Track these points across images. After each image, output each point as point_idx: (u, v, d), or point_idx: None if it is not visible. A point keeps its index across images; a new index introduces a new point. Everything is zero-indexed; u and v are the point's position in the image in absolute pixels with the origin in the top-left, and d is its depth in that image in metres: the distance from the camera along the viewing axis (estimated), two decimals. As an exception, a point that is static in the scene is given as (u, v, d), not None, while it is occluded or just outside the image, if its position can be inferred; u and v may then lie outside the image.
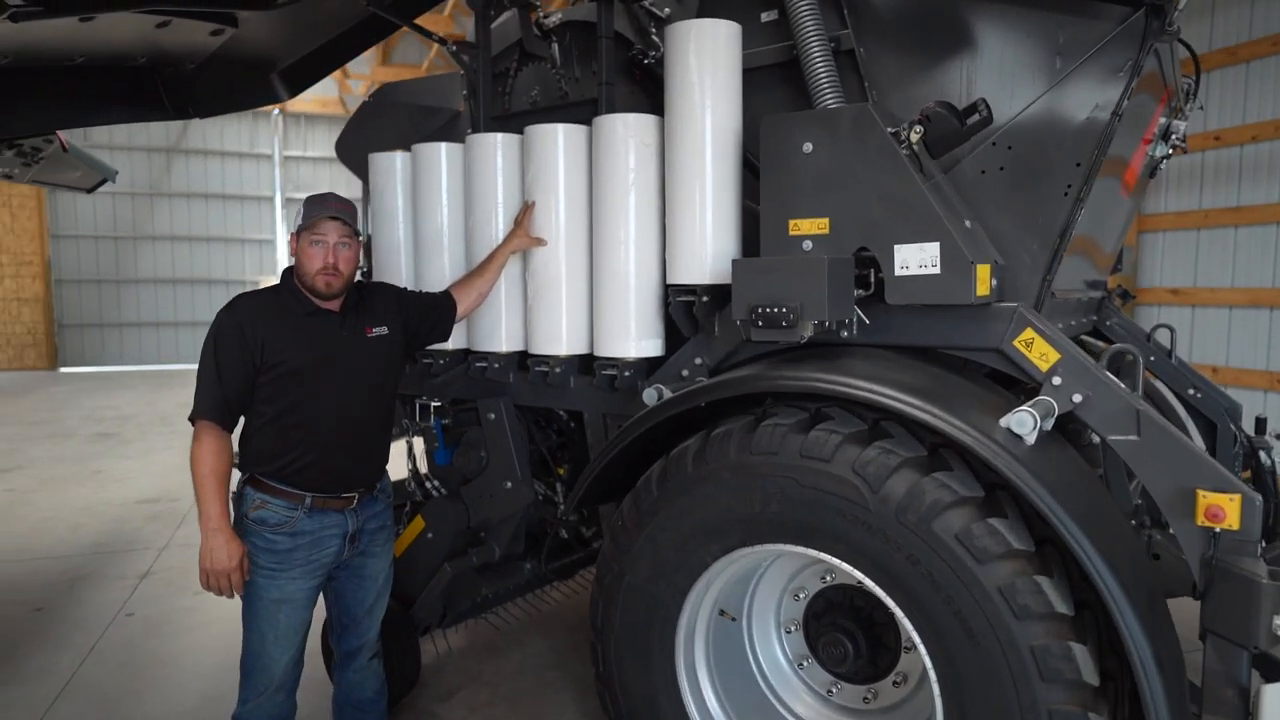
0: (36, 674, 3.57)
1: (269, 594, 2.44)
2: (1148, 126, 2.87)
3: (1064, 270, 2.72)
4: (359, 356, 2.54)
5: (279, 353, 2.41)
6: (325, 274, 2.44)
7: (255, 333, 2.39)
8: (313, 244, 2.44)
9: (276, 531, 2.43)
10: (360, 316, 2.58)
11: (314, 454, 2.44)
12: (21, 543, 5.51)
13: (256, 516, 2.44)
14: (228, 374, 2.37)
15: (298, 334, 2.45)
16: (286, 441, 2.43)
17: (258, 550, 2.43)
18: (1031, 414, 1.90)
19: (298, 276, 2.50)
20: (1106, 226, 3.01)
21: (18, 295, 16.67)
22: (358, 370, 2.53)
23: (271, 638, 2.46)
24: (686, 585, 2.31)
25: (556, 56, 3.23)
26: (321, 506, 2.47)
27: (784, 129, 2.34)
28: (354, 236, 2.52)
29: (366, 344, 2.56)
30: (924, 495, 1.89)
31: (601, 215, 2.79)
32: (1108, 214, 2.91)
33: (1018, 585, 1.79)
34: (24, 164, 4.60)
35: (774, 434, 2.11)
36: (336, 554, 2.54)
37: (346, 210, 2.50)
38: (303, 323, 2.47)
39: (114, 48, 2.87)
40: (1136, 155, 2.91)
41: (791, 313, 2.14)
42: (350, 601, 2.68)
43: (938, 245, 2.13)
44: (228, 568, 2.33)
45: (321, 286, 2.45)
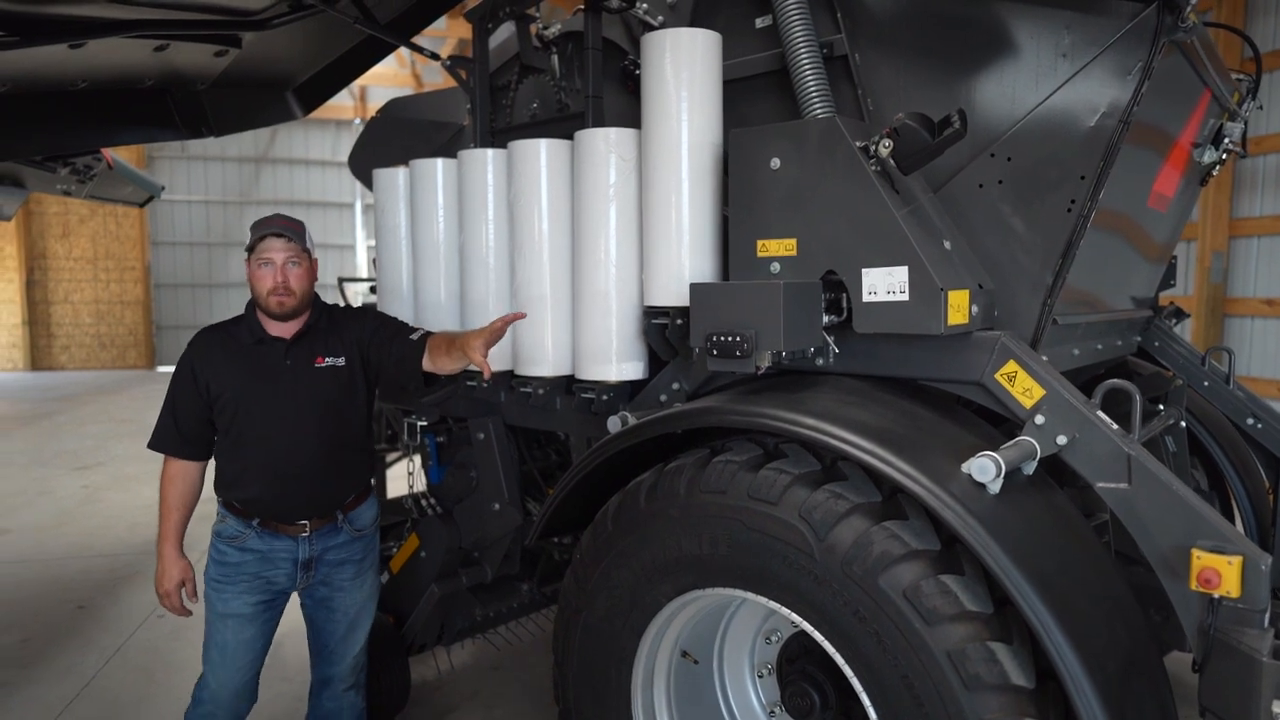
0: (61, 673, 3.71)
1: (216, 606, 2.49)
2: (1181, 131, 2.60)
3: (1091, 290, 2.49)
4: (302, 387, 2.49)
5: (219, 384, 2.46)
6: (276, 294, 2.42)
7: (203, 368, 2.48)
8: (260, 266, 2.42)
9: (228, 544, 2.49)
10: (314, 344, 2.54)
11: (256, 482, 2.46)
12: (83, 540, 5.80)
13: (216, 529, 2.53)
14: (180, 409, 2.48)
15: (239, 364, 2.47)
16: (234, 468, 2.48)
17: (213, 562, 2.50)
18: (994, 460, 1.71)
19: (254, 301, 2.51)
20: (1139, 241, 2.74)
21: (121, 298, 17.76)
22: (301, 400, 2.48)
23: (217, 654, 2.49)
24: (642, 624, 2.19)
25: (556, 68, 3.16)
26: (271, 530, 2.49)
27: (751, 143, 2.20)
28: (305, 254, 2.49)
29: (313, 374, 2.52)
30: (872, 546, 1.73)
31: (582, 233, 2.70)
32: (1137, 228, 2.64)
33: (968, 652, 1.61)
34: (79, 181, 4.82)
35: (724, 472, 1.97)
36: (289, 578, 2.53)
37: (292, 228, 2.49)
38: (248, 352, 2.48)
39: (116, 71, 2.95)
40: (1170, 162, 2.64)
41: (746, 341, 1.99)
42: (321, 631, 2.69)
43: (906, 270, 1.96)
44: (165, 589, 2.47)
45: (274, 307, 2.43)
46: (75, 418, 11.30)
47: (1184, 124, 2.61)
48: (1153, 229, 2.81)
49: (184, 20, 2.67)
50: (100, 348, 17.70)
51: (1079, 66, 2.13)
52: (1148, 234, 2.77)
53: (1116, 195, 2.27)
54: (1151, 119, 2.29)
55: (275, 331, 2.52)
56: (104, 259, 17.61)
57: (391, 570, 3.37)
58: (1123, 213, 2.44)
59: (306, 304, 2.51)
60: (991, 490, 1.73)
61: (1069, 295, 2.27)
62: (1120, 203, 2.36)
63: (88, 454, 8.79)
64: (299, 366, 2.51)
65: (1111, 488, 1.81)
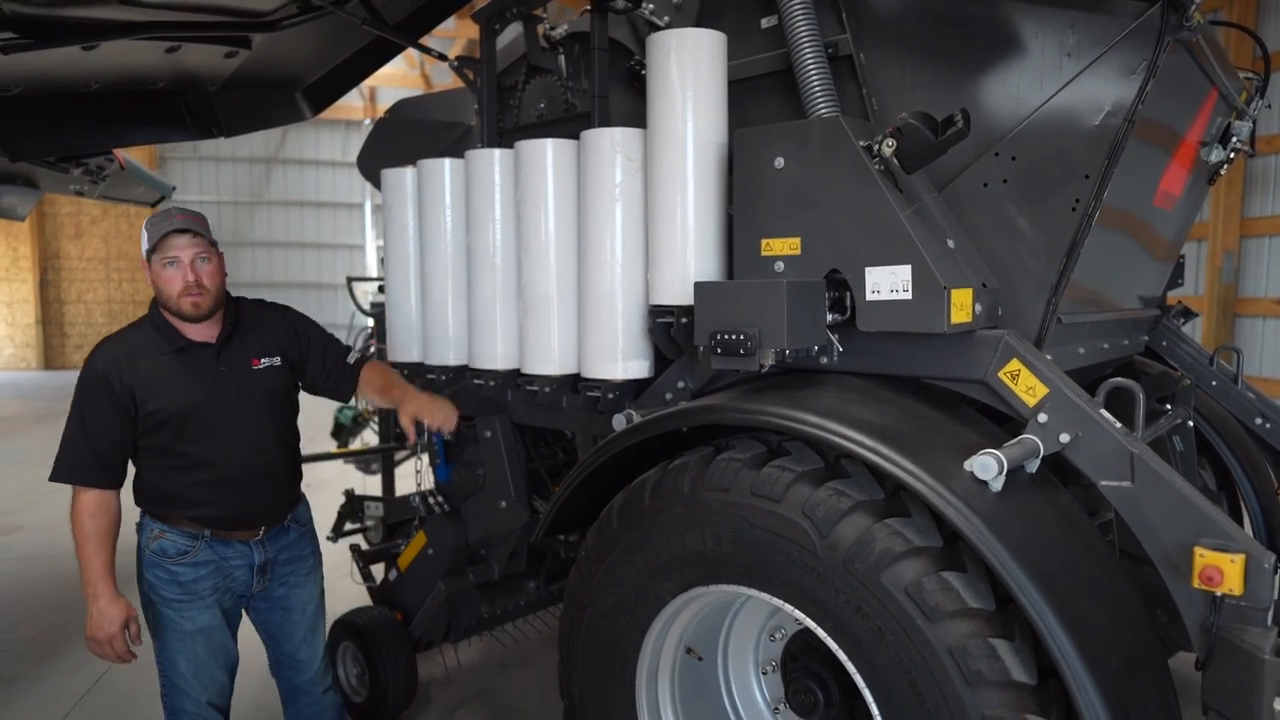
0: (74, 669, 3.75)
1: (182, 626, 2.34)
2: (1187, 130, 2.59)
3: (1097, 289, 2.49)
4: (244, 392, 2.38)
5: (152, 400, 2.24)
6: (189, 295, 2.25)
7: (123, 381, 2.22)
8: (166, 266, 2.24)
9: (178, 563, 2.32)
10: (244, 346, 2.43)
11: (207, 495, 2.32)
12: (95, 536, 5.84)
13: (156, 547, 2.34)
14: (96, 431, 2.22)
15: (171, 377, 2.27)
16: (176, 484, 2.31)
17: (162, 583, 2.32)
18: (996, 457, 1.72)
19: (162, 306, 2.32)
20: (1146, 240, 2.73)
21: (133, 298, 17.88)
22: (245, 407, 2.37)
23: (191, 671, 2.37)
24: (646, 621, 2.20)
25: (563, 69, 3.18)
26: (223, 538, 2.38)
27: (755, 142, 2.22)
28: (212, 248, 2.33)
29: (252, 376, 2.41)
30: (874, 543, 1.74)
31: (588, 232, 2.72)
32: (1143, 227, 2.64)
33: (970, 648, 1.62)
34: (91, 182, 4.86)
35: (727, 469, 1.98)
36: (246, 584, 2.46)
37: (195, 221, 2.31)
38: (174, 362, 2.29)
39: (128, 73, 2.98)
40: (1177, 161, 2.63)
41: (749, 340, 2.01)
42: (280, 636, 2.60)
43: (909, 268, 1.97)
44: (109, 634, 2.21)
45: (189, 309, 2.27)
46: (87, 416, 11.38)
47: (1190, 122, 2.60)
48: (1160, 228, 2.80)
49: (195, 22, 2.69)
50: (112, 347, 17.85)
51: (1083, 65, 2.13)
52: (1154, 233, 2.77)
53: (1122, 194, 2.27)
54: (1157, 117, 2.29)
55: (196, 336, 2.34)
56: (116, 259, 17.75)
57: (399, 568, 3.40)
58: (1128, 211, 2.43)
59: (220, 302, 2.36)
60: (994, 488, 1.74)
61: (1074, 294, 2.27)
62: (1126, 201, 2.36)
63: (100, 452, 8.86)
64: (235, 371, 2.38)
65: (1115, 486, 1.81)
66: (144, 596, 2.39)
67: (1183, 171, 2.72)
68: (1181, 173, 2.71)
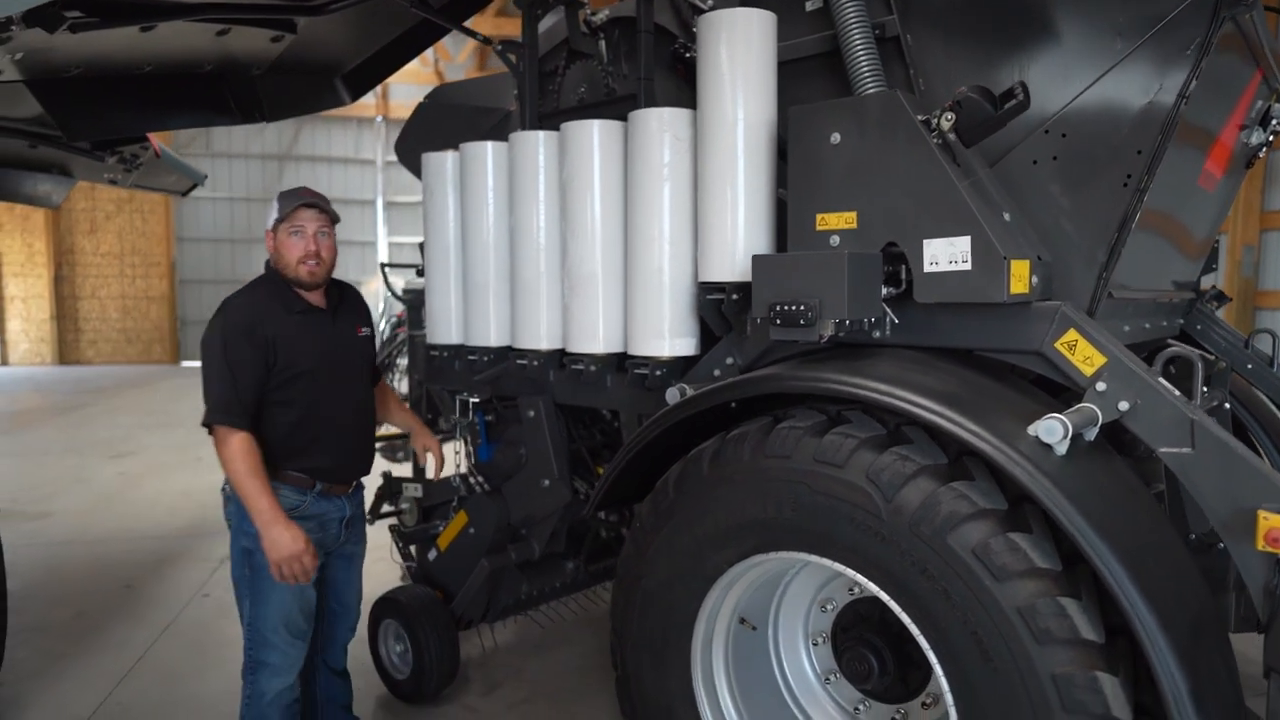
0: (115, 647, 3.80)
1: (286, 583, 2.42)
2: (1233, 110, 2.62)
3: (1139, 268, 2.52)
4: (353, 354, 2.64)
5: (288, 353, 2.44)
6: (307, 262, 2.46)
7: (265, 333, 2.40)
8: (291, 234, 2.46)
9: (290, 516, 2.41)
10: (350, 315, 2.68)
11: (326, 449, 2.52)
12: (126, 523, 5.91)
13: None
14: (242, 377, 2.36)
15: (301, 334, 2.48)
16: (299, 438, 2.49)
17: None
18: (1062, 421, 1.75)
19: (281, 272, 2.52)
20: (1187, 221, 2.76)
21: (147, 294, 17.98)
22: (354, 368, 2.63)
23: (284, 624, 2.47)
24: (703, 590, 2.24)
25: (604, 54, 3.21)
26: (327, 493, 2.57)
27: (811, 119, 2.25)
28: (331, 226, 2.56)
29: (357, 342, 2.68)
30: (940, 505, 1.77)
31: (636, 211, 2.75)
32: (1186, 207, 2.67)
33: (1039, 607, 1.65)
34: (125, 170, 4.90)
35: (788, 437, 2.02)
36: (335, 538, 2.63)
37: (322, 199, 2.55)
38: (300, 322, 2.50)
39: (179, 56, 3.02)
40: (1220, 142, 2.66)
41: (810, 310, 2.04)
42: (343, 587, 2.77)
43: (969, 239, 2.00)
44: (296, 551, 2.32)
45: (305, 276, 2.47)
46: (106, 409, 11.48)
47: (1235, 103, 2.63)
48: (1200, 209, 2.83)
49: (247, 4, 2.74)
50: (126, 342, 17.94)
51: (1135, 43, 2.16)
52: (1195, 214, 2.79)
53: (1171, 172, 2.29)
54: (1206, 96, 2.32)
55: (312, 301, 2.57)
56: (130, 255, 17.85)
57: (439, 547, 3.44)
58: (1174, 190, 2.46)
59: (330, 274, 2.61)
60: (1058, 451, 1.77)
61: (1121, 271, 2.30)
62: (1173, 180, 2.38)
63: (121, 443, 8.93)
64: (345, 335, 2.62)
65: (1174, 452, 1.84)
66: (244, 554, 2.46)
67: (1225, 153, 2.74)
68: (1224, 154, 2.74)
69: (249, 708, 2.54)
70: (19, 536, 5.33)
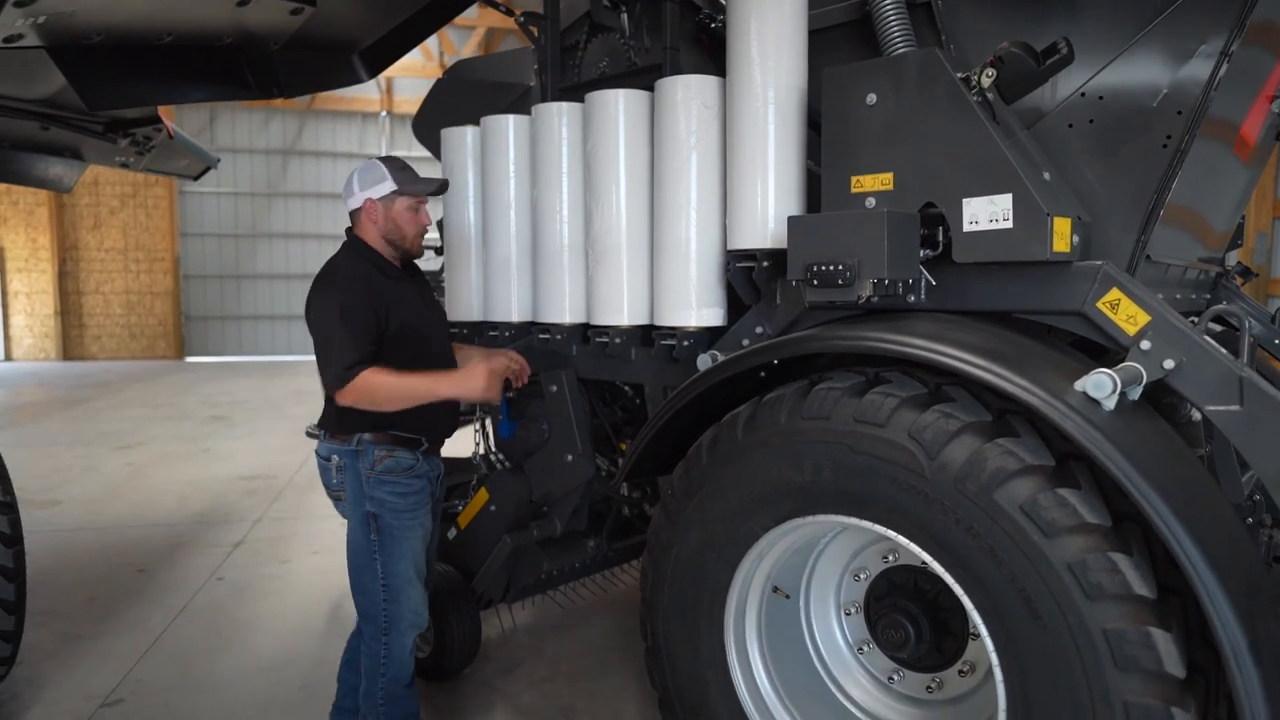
0: (130, 628, 3.78)
1: (414, 532, 2.55)
2: (1267, 78, 2.59)
3: (1168, 240, 2.49)
4: (439, 318, 2.82)
5: (397, 314, 2.52)
6: (421, 236, 2.67)
7: (377, 295, 2.49)
8: (415, 210, 2.62)
9: (408, 475, 2.54)
10: (423, 282, 2.81)
11: (428, 408, 2.54)
12: (135, 510, 5.88)
13: (385, 466, 2.51)
14: (364, 332, 2.42)
15: (403, 297, 2.59)
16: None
17: (396, 496, 2.51)
18: (1110, 376, 1.72)
19: (388, 238, 2.60)
20: (1217, 193, 2.73)
21: (151, 289, 17.96)
22: (442, 328, 2.81)
23: (416, 574, 2.57)
24: (736, 558, 2.21)
25: (626, 27, 3.19)
26: (429, 453, 2.64)
27: (846, 80, 2.22)
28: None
29: (438, 308, 2.85)
30: (986, 462, 1.74)
31: (662, 181, 2.72)
32: (1217, 178, 2.63)
33: (1089, 562, 1.62)
34: (138, 153, 4.87)
35: (827, 398, 1.99)
36: (436, 497, 2.73)
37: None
38: (399, 286, 2.60)
39: (199, 27, 2.99)
40: (1253, 112, 2.62)
41: (849, 270, 2.01)
42: (429, 545, 2.76)
43: (1010, 197, 1.97)
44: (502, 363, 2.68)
45: (416, 247, 2.66)
46: (112, 402, 11.46)
47: (1270, 71, 2.60)
48: (1233, 178, 2.79)
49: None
50: (130, 338, 17.91)
51: (1175, 1, 2.13)
52: (1228, 183, 2.76)
53: (1209, 136, 2.26)
54: (1247, 62, 2.29)
55: (400, 269, 2.69)
56: (134, 250, 17.82)
57: (458, 526, 3.41)
58: (1211, 156, 2.43)
59: None
60: (1106, 407, 1.74)
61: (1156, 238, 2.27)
62: (1211, 145, 2.35)
63: (128, 435, 8.91)
64: (430, 299, 2.77)
65: (1222, 410, 1.81)
66: (366, 519, 2.51)
67: (1258, 121, 2.70)
68: (1257, 123, 2.70)
69: (388, 665, 2.57)
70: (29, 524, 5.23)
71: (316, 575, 4.54)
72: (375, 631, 2.58)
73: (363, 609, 2.60)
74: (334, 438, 2.57)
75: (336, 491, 2.60)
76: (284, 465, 7.30)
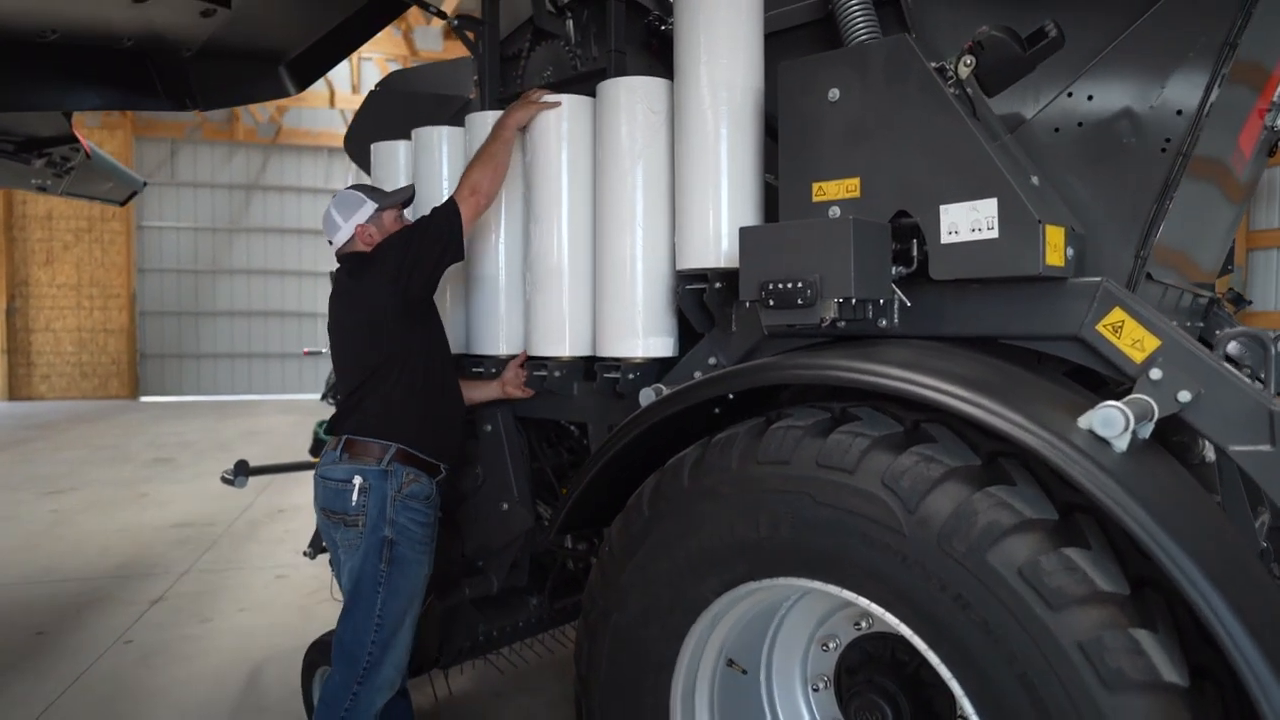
0: (12, 704, 3.33)
1: (421, 570, 2.42)
2: (1265, 82, 2.36)
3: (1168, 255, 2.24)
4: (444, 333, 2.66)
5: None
6: None
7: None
8: (398, 219, 2.59)
9: (427, 504, 2.43)
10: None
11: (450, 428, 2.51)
12: (50, 563, 5.41)
13: (410, 492, 2.38)
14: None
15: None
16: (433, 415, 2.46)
17: (416, 525, 2.39)
18: (1121, 410, 1.43)
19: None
20: (1217, 204, 2.49)
21: (105, 326, 17.38)
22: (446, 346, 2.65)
23: (414, 613, 2.42)
24: (683, 627, 1.87)
25: (571, 34, 2.92)
26: (441, 480, 2.52)
27: (805, 75, 1.95)
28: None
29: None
30: (976, 516, 1.44)
31: (605, 194, 2.44)
32: (1217, 186, 2.40)
33: (1106, 641, 1.31)
34: (55, 175, 4.54)
35: (786, 438, 1.68)
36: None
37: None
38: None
39: (90, 25, 2.69)
40: (1251, 118, 2.40)
41: (809, 288, 1.72)
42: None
43: (995, 202, 1.70)
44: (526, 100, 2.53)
45: None
46: (52, 444, 10.88)
47: (1267, 77, 2.38)
48: (1229, 192, 2.56)
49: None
50: (81, 376, 17.26)
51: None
52: (1224, 197, 2.53)
53: (1210, 140, 2.02)
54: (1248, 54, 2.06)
55: None
56: (88, 286, 17.26)
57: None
58: (1210, 164, 2.19)
59: None
60: (1117, 448, 1.45)
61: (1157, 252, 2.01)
62: (1211, 150, 2.11)
63: (61, 479, 8.38)
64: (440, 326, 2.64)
65: (1250, 451, 1.53)
66: (382, 545, 2.34)
67: (1255, 131, 2.48)
68: (1254, 131, 2.48)
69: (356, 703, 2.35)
70: (-73, 578, 4.83)
71: (239, 637, 4.11)
72: (348, 678, 2.35)
73: (345, 647, 2.36)
74: (355, 458, 2.38)
75: (355, 517, 2.36)
76: (224, 512, 6.84)
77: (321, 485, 2.44)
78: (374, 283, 2.42)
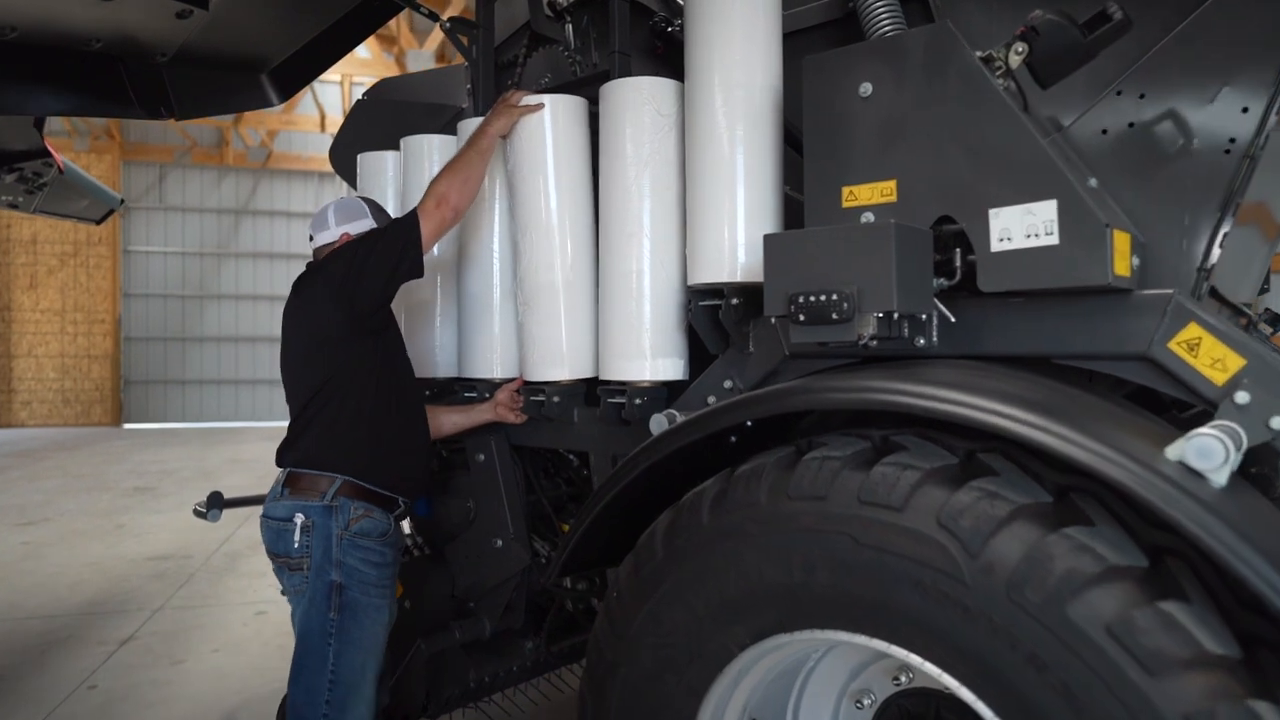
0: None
1: (380, 617, 2.20)
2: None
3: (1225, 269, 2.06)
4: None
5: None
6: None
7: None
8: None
9: (382, 542, 2.20)
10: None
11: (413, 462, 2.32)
12: (15, 600, 5.13)
13: (359, 529, 2.16)
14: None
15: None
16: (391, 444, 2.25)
17: (369, 566, 2.16)
18: (1220, 439, 1.24)
19: None
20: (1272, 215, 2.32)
21: (89, 352, 17.09)
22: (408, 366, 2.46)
23: (374, 667, 2.20)
24: (704, 684, 1.66)
25: (571, 38, 2.76)
26: (401, 518, 2.33)
27: (834, 68, 1.78)
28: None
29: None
30: (1052, 562, 1.23)
31: (609, 203, 2.25)
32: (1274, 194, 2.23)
33: (1219, 715, 1.10)
34: (27, 191, 4.34)
35: (821, 471, 1.48)
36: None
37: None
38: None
39: (55, 23, 2.51)
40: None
41: (845, 301, 1.53)
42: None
43: (1054, 205, 1.51)
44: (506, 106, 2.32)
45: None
46: (28, 473, 10.56)
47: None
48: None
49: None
50: (64, 403, 16.93)
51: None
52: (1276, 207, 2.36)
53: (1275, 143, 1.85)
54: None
55: None
56: (73, 311, 16.98)
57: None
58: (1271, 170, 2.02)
59: None
60: (1215, 482, 1.25)
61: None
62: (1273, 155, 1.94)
63: (35, 509, 8.08)
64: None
65: (1355, 484, 1.33)
66: (330, 591, 2.12)
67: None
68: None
69: None
70: (-118, 617, 4.55)
71: (212, 679, 3.85)
72: None
73: (298, 712, 2.13)
74: (297, 493, 2.15)
75: (299, 559, 2.13)
76: (203, 544, 6.57)
77: (265, 526, 2.20)
78: (319, 293, 2.21)
